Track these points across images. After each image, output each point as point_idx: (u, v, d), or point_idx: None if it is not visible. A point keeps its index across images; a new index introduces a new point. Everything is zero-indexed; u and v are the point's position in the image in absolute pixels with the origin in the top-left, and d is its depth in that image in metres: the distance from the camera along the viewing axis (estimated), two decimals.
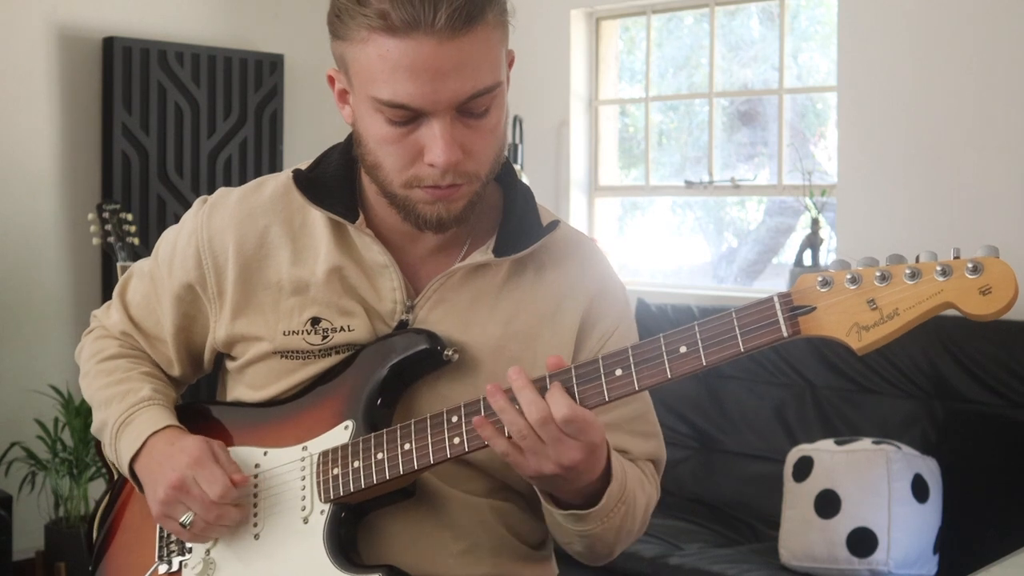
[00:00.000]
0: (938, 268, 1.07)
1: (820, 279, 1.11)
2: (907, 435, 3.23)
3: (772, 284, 4.44)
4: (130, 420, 1.43)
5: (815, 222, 3.85)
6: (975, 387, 3.22)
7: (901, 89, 3.66)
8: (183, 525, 1.34)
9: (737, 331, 1.14)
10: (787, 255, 4.51)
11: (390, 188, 1.31)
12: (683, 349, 1.18)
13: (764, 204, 4.72)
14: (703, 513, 3.54)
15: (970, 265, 1.06)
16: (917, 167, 3.63)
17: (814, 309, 1.11)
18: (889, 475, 2.93)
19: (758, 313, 1.14)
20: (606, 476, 1.27)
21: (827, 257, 3.92)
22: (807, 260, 3.88)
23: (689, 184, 4.33)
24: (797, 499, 3.05)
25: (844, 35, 3.80)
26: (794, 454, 3.14)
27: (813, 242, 3.85)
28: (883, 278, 1.08)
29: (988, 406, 3.19)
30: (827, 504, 2.97)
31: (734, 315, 1.15)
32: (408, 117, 1.24)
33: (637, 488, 1.36)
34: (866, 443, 3.03)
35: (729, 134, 4.57)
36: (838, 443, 3.08)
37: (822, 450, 3.07)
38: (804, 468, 3.06)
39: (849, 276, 1.10)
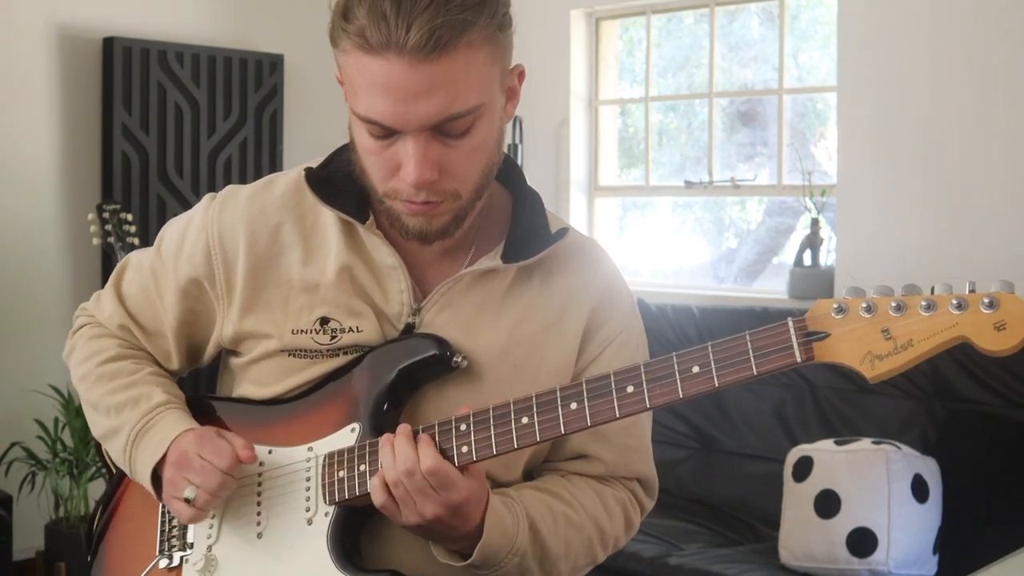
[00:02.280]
0: (953, 301, 1.07)
1: (835, 306, 1.12)
2: (907, 435, 3.24)
3: (772, 284, 4.44)
4: (149, 427, 1.42)
5: (815, 222, 3.85)
6: (975, 387, 3.22)
7: (901, 89, 3.66)
8: (187, 500, 1.34)
9: (751, 354, 1.15)
10: (787, 255, 4.51)
11: (376, 195, 1.32)
12: (696, 369, 1.18)
13: (764, 204, 4.72)
14: (703, 513, 3.55)
15: (986, 300, 1.06)
16: (917, 167, 3.64)
17: (828, 336, 1.12)
18: (889, 475, 2.93)
19: (772, 337, 1.14)
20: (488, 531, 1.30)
21: (827, 257, 3.92)
22: (807, 260, 3.88)
23: (689, 184, 4.33)
24: (797, 499, 3.05)
25: (844, 35, 3.80)
26: (794, 454, 3.14)
27: (813, 242, 3.85)
28: (898, 308, 1.09)
29: (988, 406, 3.19)
30: (827, 504, 2.97)
31: (748, 338, 1.15)
32: (384, 132, 1.25)
33: (563, 532, 1.36)
34: (866, 443, 3.03)
35: (729, 134, 4.57)
36: (838, 443, 3.08)
37: (822, 450, 3.07)
38: (804, 468, 3.06)
39: (864, 305, 1.11)
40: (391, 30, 1.19)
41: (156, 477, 1.41)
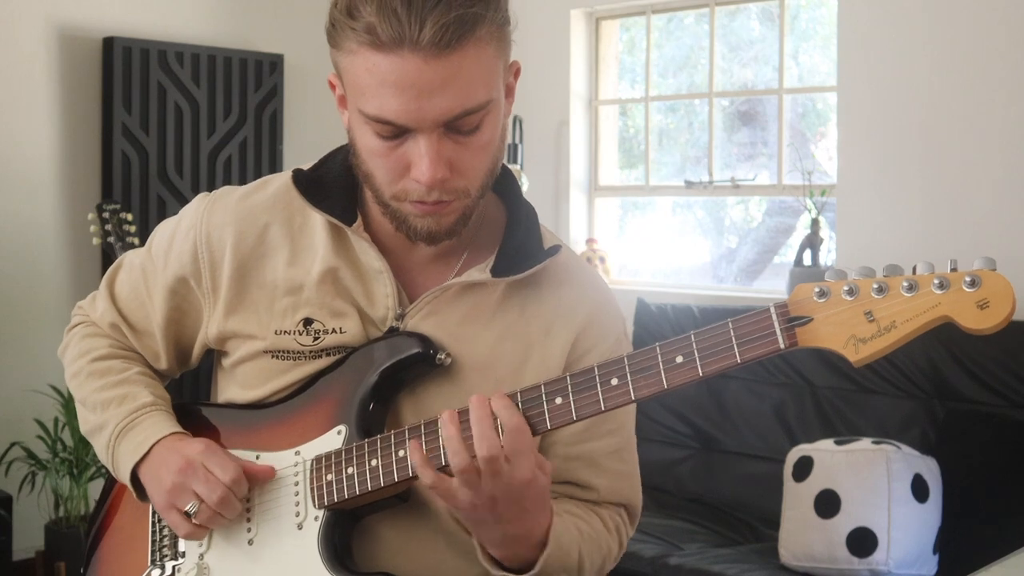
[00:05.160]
0: (935, 281, 1.05)
1: (817, 290, 1.10)
2: (907, 435, 3.23)
3: (772, 284, 4.44)
4: (133, 425, 1.42)
5: (815, 222, 3.85)
6: (975, 387, 3.22)
7: (901, 89, 3.66)
8: (188, 514, 1.33)
9: (734, 342, 1.13)
10: (787, 255, 4.51)
11: (382, 199, 1.30)
12: (679, 359, 1.16)
13: (764, 204, 4.72)
14: (703, 513, 3.54)
15: (968, 279, 1.04)
16: (917, 167, 3.63)
17: (811, 320, 1.10)
18: (889, 475, 2.93)
19: (755, 324, 1.13)
20: (545, 543, 1.27)
21: (827, 257, 3.92)
22: (807, 260, 3.88)
23: (689, 184, 4.33)
24: (797, 499, 3.05)
25: (844, 35, 3.80)
26: (794, 454, 3.14)
27: (813, 242, 3.85)
28: (880, 290, 1.07)
29: (988, 406, 3.19)
30: (827, 504, 2.97)
31: (731, 325, 1.14)
32: (395, 132, 1.23)
33: (591, 551, 1.35)
34: (866, 443, 3.03)
35: (729, 134, 4.57)
36: (838, 443, 3.08)
37: (822, 450, 3.07)
38: (804, 468, 3.06)
39: (846, 287, 1.09)
40: (404, 26, 1.17)
41: (135, 479, 1.41)
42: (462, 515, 1.26)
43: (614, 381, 1.19)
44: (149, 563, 1.45)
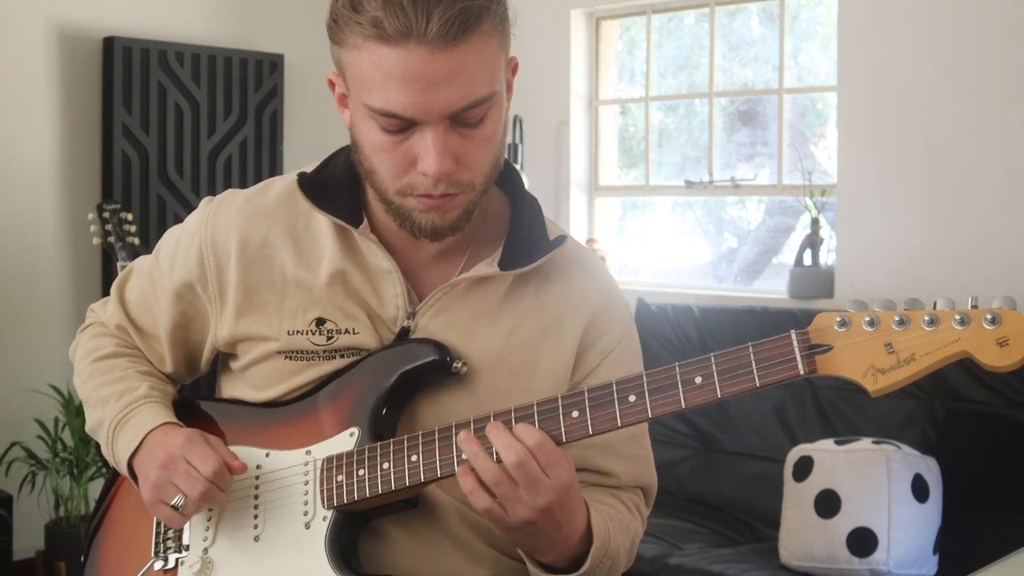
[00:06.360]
0: (956, 317, 1.08)
1: (838, 319, 1.12)
2: (907, 435, 3.24)
3: (772, 284, 4.44)
4: (128, 418, 1.42)
5: (815, 222, 3.85)
6: (975, 387, 3.22)
7: (901, 89, 3.66)
8: (175, 508, 1.33)
9: (754, 365, 1.15)
10: (787, 255, 4.51)
11: (385, 195, 1.30)
12: (698, 380, 1.18)
13: (764, 204, 4.72)
14: (703, 513, 3.55)
15: (988, 316, 1.07)
16: (917, 167, 3.64)
17: (831, 348, 1.12)
18: (889, 475, 2.93)
19: (775, 349, 1.14)
20: (588, 536, 1.27)
21: (827, 257, 3.92)
22: (807, 260, 3.88)
23: (689, 184, 4.33)
24: (797, 499, 3.05)
25: (844, 35, 3.80)
26: (794, 454, 3.14)
27: (813, 242, 3.85)
28: (901, 323, 1.10)
29: (988, 406, 3.19)
30: (827, 504, 2.97)
31: (751, 349, 1.15)
32: (401, 126, 1.24)
33: (621, 535, 1.36)
34: (866, 443, 3.03)
35: (729, 134, 4.57)
36: (838, 443, 3.08)
37: (822, 450, 3.07)
38: (804, 468, 3.06)
39: (867, 318, 1.11)
40: (411, 19, 1.18)
41: (132, 470, 1.41)
42: (518, 536, 1.26)
43: (632, 398, 1.21)
44: (152, 554, 1.45)
